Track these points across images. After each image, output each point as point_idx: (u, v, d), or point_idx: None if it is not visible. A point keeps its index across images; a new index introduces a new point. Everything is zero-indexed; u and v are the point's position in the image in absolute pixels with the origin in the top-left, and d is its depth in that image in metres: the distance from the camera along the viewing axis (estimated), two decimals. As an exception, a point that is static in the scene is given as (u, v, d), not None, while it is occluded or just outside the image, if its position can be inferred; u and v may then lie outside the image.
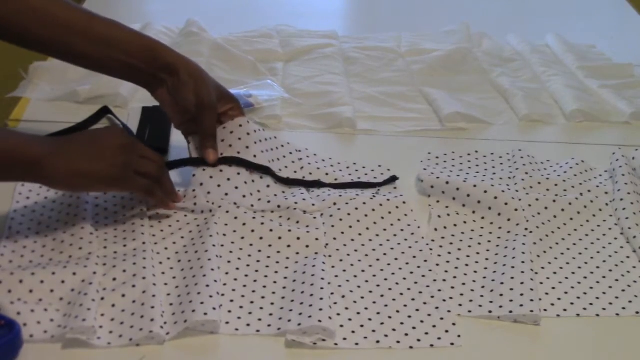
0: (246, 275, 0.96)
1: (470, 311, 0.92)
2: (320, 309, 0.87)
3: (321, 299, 0.89)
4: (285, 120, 1.32)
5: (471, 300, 0.94)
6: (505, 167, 1.20)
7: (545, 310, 0.93)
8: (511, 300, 0.92)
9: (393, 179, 1.15)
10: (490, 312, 0.92)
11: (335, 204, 1.07)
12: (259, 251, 1.00)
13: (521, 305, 0.91)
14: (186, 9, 1.78)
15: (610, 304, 0.95)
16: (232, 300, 0.92)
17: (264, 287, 0.94)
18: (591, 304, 0.95)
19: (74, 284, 0.90)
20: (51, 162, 0.93)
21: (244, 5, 1.85)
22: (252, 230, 1.02)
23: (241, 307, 0.91)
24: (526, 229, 1.04)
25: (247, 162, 1.09)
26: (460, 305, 0.93)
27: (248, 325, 0.89)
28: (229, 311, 0.90)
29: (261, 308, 0.91)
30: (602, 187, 1.15)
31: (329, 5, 1.96)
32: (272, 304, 0.92)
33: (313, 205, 1.07)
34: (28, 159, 0.92)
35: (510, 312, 0.91)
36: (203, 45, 1.53)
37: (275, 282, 0.95)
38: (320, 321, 0.86)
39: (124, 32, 1.08)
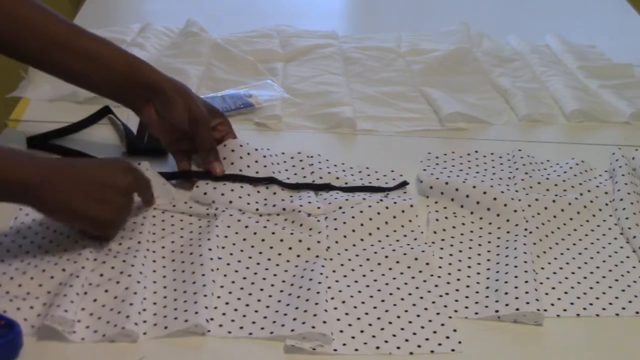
0: (244, 278, 0.95)
1: (477, 313, 0.92)
2: (315, 315, 0.87)
3: (316, 303, 0.88)
4: (285, 120, 1.32)
5: (477, 302, 0.93)
6: (505, 167, 1.20)
7: (545, 310, 0.92)
8: (517, 298, 0.91)
9: (404, 184, 1.13)
10: (497, 311, 0.91)
11: (340, 207, 1.07)
12: (260, 253, 0.99)
13: (527, 303, 0.90)
14: (186, 9, 1.78)
15: (610, 304, 0.95)
16: (227, 303, 0.91)
17: (261, 289, 0.94)
18: (591, 304, 0.95)
19: (62, 279, 0.91)
20: (42, 191, 0.89)
21: (244, 5, 1.85)
22: (255, 233, 1.01)
23: (235, 309, 0.90)
24: (526, 229, 1.04)
25: (250, 177, 1.10)
26: (466, 307, 0.93)
27: (241, 328, 0.88)
28: (223, 314, 0.90)
29: (256, 311, 0.90)
30: (602, 187, 1.15)
31: (329, 6, 1.95)
32: (268, 307, 0.91)
33: (318, 208, 1.06)
34: (18, 183, 0.88)
35: (517, 309, 0.90)
36: (203, 45, 1.53)
37: (272, 285, 0.94)
38: (314, 327, 0.85)
39: (110, 48, 1.08)
